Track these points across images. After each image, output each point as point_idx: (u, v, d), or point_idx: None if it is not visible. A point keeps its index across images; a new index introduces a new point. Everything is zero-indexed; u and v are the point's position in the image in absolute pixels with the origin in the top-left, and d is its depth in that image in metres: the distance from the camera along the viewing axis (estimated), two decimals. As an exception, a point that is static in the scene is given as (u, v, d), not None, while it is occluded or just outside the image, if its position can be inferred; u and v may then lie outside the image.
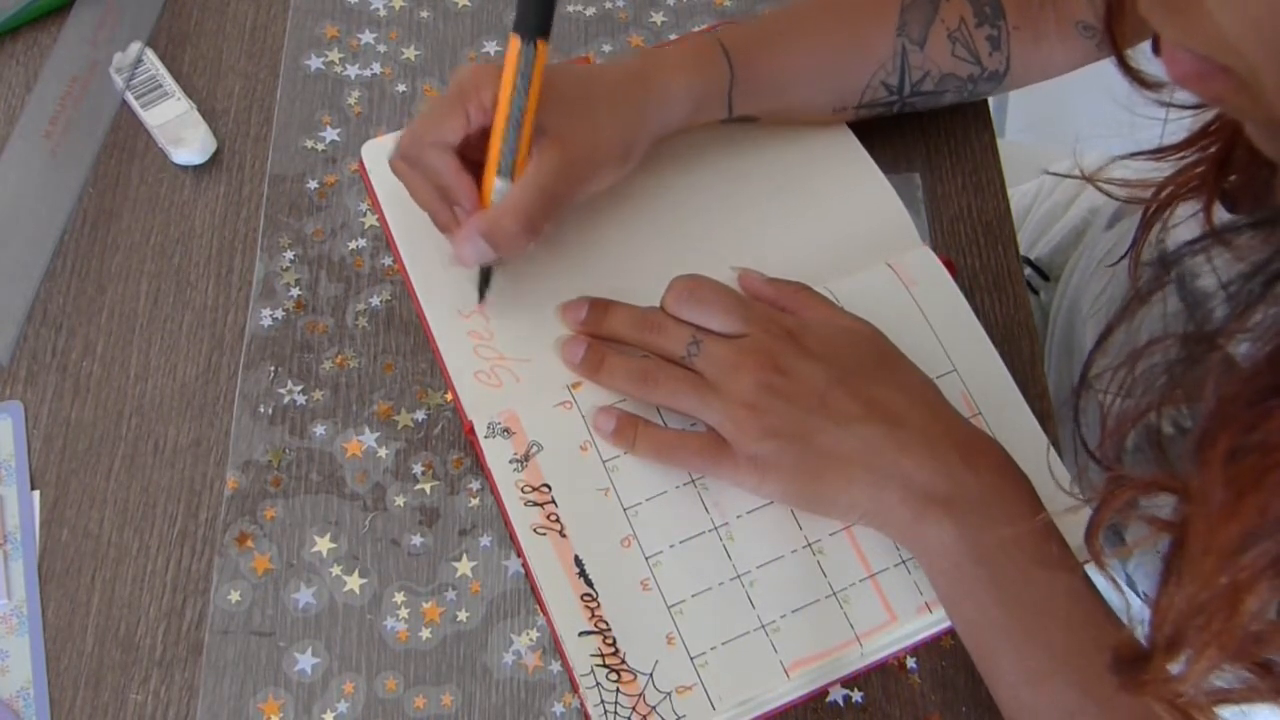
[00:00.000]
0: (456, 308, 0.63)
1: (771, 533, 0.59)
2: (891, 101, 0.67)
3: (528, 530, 0.58)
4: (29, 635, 0.58)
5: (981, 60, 0.66)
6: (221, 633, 0.57)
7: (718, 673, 0.56)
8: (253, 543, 0.59)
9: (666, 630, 0.56)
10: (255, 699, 0.56)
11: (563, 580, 0.57)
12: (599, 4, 0.74)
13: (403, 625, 0.57)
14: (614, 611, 0.57)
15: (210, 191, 0.69)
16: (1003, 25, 0.66)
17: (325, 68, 0.71)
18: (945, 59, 0.66)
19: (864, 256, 0.65)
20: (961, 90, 0.68)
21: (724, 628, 0.57)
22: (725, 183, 0.68)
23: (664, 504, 0.59)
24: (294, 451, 0.61)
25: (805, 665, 0.56)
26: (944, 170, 0.70)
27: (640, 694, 0.55)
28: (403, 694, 0.56)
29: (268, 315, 0.64)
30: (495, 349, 0.62)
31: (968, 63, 0.66)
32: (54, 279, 0.66)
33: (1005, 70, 0.67)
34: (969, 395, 0.62)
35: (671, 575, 0.58)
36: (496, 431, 0.60)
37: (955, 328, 0.63)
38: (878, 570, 0.58)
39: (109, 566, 0.60)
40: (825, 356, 0.58)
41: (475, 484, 0.61)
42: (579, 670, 0.55)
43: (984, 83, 0.68)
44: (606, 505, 0.59)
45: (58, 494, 0.61)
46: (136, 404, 0.63)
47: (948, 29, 0.66)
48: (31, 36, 0.72)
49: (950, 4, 0.66)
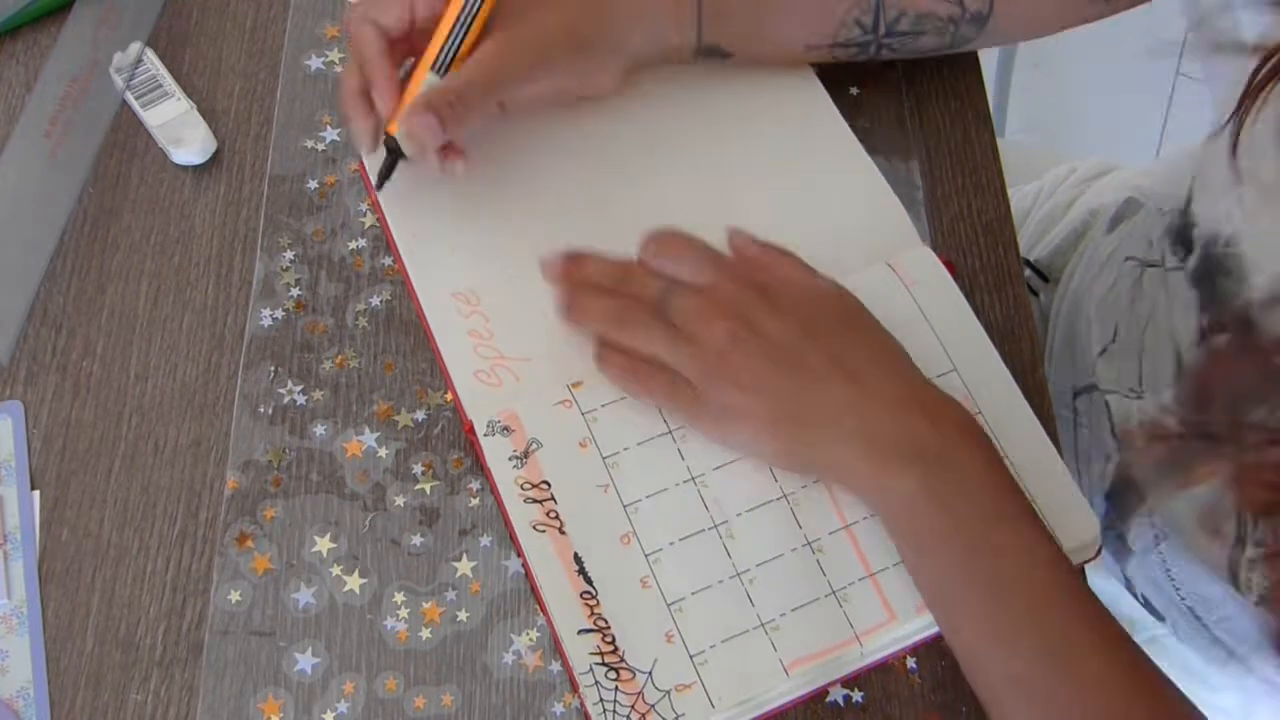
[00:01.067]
0: (456, 308, 0.63)
1: (771, 531, 0.59)
2: (866, 42, 0.66)
3: (527, 528, 0.58)
4: (29, 635, 0.58)
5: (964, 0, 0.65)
6: (221, 633, 0.57)
7: (717, 671, 0.56)
8: (253, 543, 0.59)
9: (666, 628, 0.56)
10: (255, 699, 0.56)
11: (562, 578, 0.57)
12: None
13: (403, 625, 0.57)
14: (613, 609, 0.57)
15: (210, 191, 0.69)
16: None
17: (326, 68, 0.71)
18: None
19: (863, 256, 0.65)
20: (942, 33, 0.66)
21: (724, 626, 0.57)
22: (721, 179, 0.67)
23: (664, 501, 0.59)
24: (294, 451, 0.61)
25: (805, 664, 0.56)
26: (944, 170, 0.70)
27: (639, 692, 0.55)
28: (403, 694, 0.56)
29: (268, 315, 0.64)
30: (495, 348, 0.62)
31: (949, 2, 0.65)
32: (54, 279, 0.66)
33: (989, 11, 0.65)
34: (969, 395, 0.62)
35: (671, 573, 0.58)
36: (496, 430, 0.60)
37: (955, 328, 0.63)
38: (877, 569, 0.58)
39: (109, 566, 0.60)
40: (794, 312, 0.58)
41: (475, 484, 0.61)
42: (578, 669, 0.55)
43: (966, 25, 0.66)
44: (606, 502, 0.59)
45: (58, 494, 0.61)
46: (136, 404, 0.63)
47: None
48: (31, 36, 0.72)
49: None
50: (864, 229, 0.66)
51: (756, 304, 0.59)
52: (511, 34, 0.61)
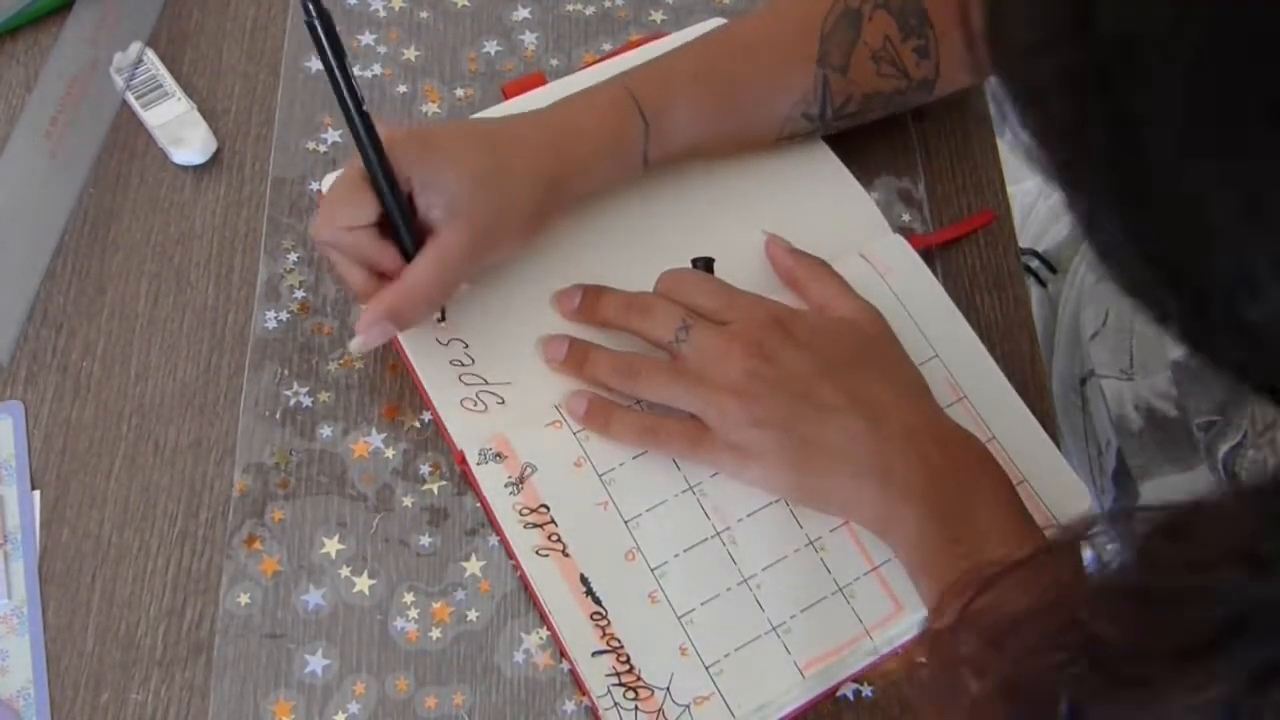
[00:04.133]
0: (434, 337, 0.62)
1: (773, 534, 0.59)
2: (813, 130, 0.66)
3: (530, 554, 0.57)
4: (29, 635, 0.57)
5: (909, 73, 0.65)
6: (231, 635, 0.57)
7: (734, 679, 0.55)
8: (261, 545, 0.59)
9: (679, 641, 0.56)
10: (266, 701, 0.56)
11: (571, 600, 0.57)
12: (598, 3, 0.74)
13: (413, 625, 0.57)
14: (625, 627, 0.56)
15: (210, 191, 0.68)
16: (930, 33, 0.64)
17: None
18: (869, 79, 0.64)
19: (835, 247, 0.64)
20: (889, 104, 0.66)
21: (736, 633, 0.57)
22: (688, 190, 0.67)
23: (664, 513, 0.59)
24: (301, 453, 0.61)
25: (819, 663, 0.56)
26: (944, 170, 0.70)
27: (659, 709, 0.55)
28: (414, 694, 0.56)
29: (272, 317, 0.64)
30: (477, 374, 0.62)
31: (894, 78, 0.65)
32: (54, 279, 0.66)
33: (935, 76, 0.65)
34: (952, 380, 0.62)
35: (679, 585, 0.57)
36: (489, 457, 0.59)
37: (933, 313, 0.64)
38: (880, 562, 0.58)
39: (109, 566, 0.59)
40: (812, 346, 0.58)
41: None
42: (596, 691, 0.55)
43: (914, 92, 0.66)
44: (607, 519, 0.58)
45: (58, 494, 0.61)
46: (136, 404, 0.63)
47: (871, 50, 0.63)
48: (31, 36, 0.72)
49: (873, 23, 0.63)
50: (833, 220, 0.66)
51: (773, 337, 0.58)
52: (471, 233, 0.58)
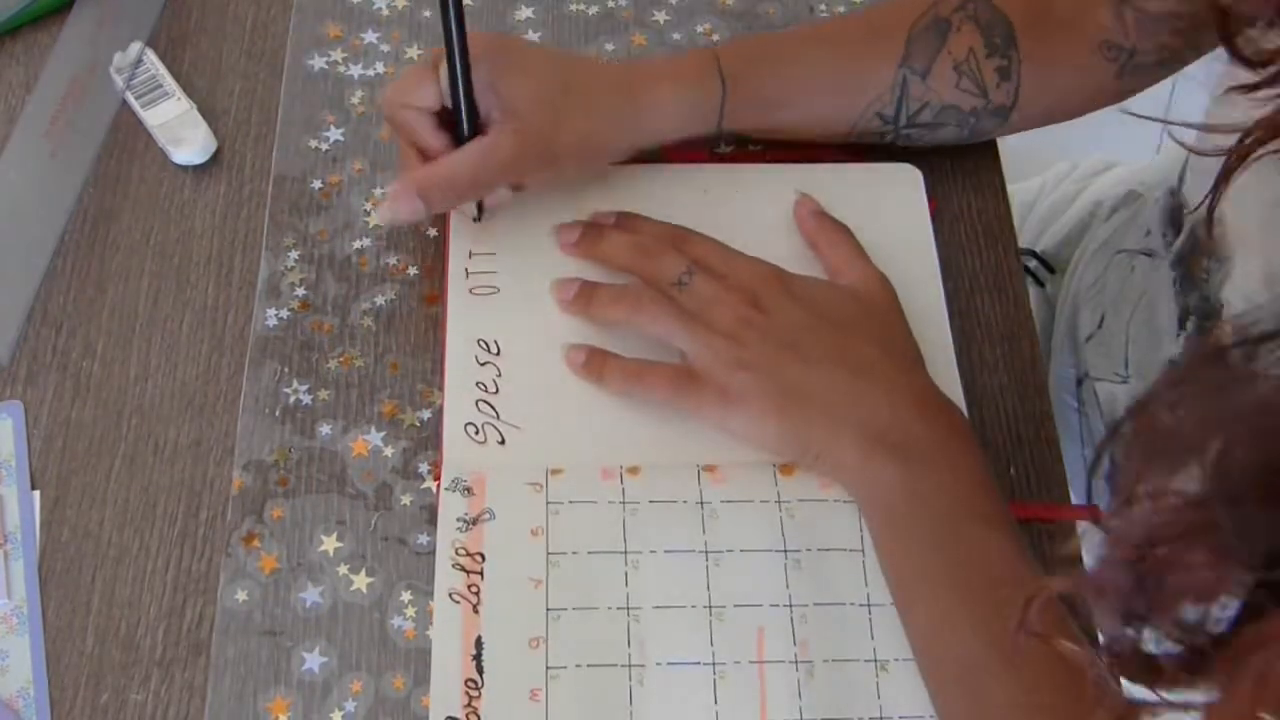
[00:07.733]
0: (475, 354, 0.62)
1: (684, 696, 0.55)
2: (885, 131, 0.66)
3: (444, 593, 0.56)
4: (29, 635, 0.58)
5: (988, 92, 0.65)
6: (228, 633, 0.57)
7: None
8: (259, 542, 0.59)
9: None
10: (263, 698, 0.56)
11: (456, 655, 0.55)
12: (601, 3, 0.74)
13: (410, 624, 0.57)
14: (491, 712, 0.54)
15: (210, 191, 0.69)
16: (1014, 55, 0.64)
17: (328, 67, 0.71)
18: (948, 90, 0.65)
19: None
20: (963, 124, 0.66)
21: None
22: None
23: (588, 621, 0.56)
24: (300, 451, 0.61)
25: None
26: (944, 170, 0.70)
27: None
28: (410, 692, 0.56)
29: (273, 315, 0.64)
30: (494, 407, 0.61)
31: (972, 95, 0.65)
32: (54, 279, 0.66)
33: (1013, 104, 0.65)
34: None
35: (564, 697, 0.54)
36: (459, 488, 0.59)
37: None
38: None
39: (109, 566, 0.59)
40: (807, 301, 0.60)
41: (481, 483, 0.61)
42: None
43: (987, 117, 0.66)
44: (531, 598, 0.56)
45: (58, 494, 0.61)
46: (136, 404, 0.63)
47: (954, 60, 0.64)
48: (31, 36, 0.72)
49: (960, 34, 0.64)
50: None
51: (770, 289, 0.60)
52: (519, 144, 0.60)
